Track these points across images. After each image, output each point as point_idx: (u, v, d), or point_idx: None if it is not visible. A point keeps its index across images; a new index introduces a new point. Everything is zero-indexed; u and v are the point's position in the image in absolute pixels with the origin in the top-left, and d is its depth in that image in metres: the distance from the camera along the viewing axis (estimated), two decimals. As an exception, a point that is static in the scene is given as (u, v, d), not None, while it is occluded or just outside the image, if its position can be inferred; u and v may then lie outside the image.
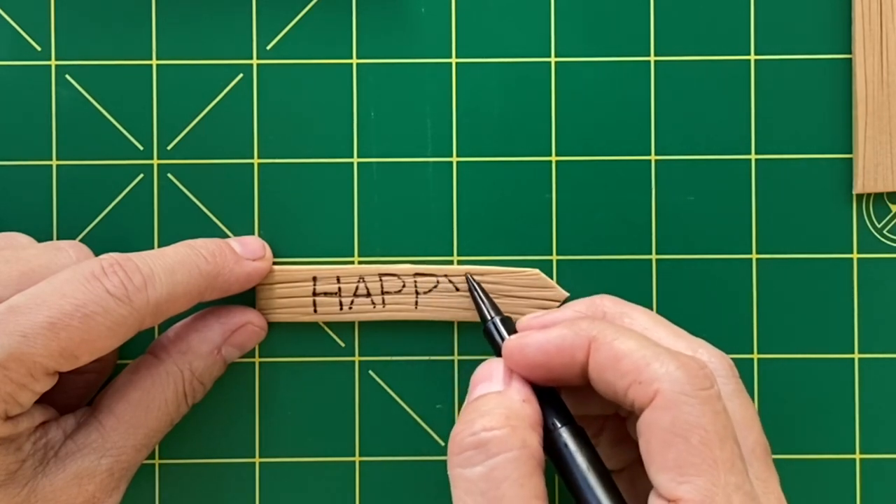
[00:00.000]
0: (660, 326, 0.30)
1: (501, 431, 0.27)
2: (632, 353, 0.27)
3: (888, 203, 0.35)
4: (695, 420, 0.25)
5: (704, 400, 0.26)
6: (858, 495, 0.35)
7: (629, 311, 0.31)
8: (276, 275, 0.35)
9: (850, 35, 0.35)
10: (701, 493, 0.25)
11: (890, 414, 0.35)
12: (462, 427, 0.27)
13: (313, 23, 0.36)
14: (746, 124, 0.35)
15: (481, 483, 0.26)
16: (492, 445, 0.26)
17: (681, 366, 0.26)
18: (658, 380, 0.26)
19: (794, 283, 0.35)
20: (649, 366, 0.26)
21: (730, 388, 0.28)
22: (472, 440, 0.27)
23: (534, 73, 0.35)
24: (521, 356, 0.29)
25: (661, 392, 0.26)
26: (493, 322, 0.31)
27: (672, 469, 0.25)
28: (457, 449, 0.27)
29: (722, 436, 0.26)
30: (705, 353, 0.29)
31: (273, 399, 0.36)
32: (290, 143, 0.36)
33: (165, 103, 0.35)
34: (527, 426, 0.27)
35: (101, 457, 0.31)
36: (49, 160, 0.35)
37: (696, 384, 0.26)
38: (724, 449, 0.25)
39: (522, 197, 0.35)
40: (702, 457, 0.25)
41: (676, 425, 0.25)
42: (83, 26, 0.35)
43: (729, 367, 0.29)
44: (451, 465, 0.27)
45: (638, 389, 0.26)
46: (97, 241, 0.35)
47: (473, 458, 0.26)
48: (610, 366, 0.27)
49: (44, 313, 0.28)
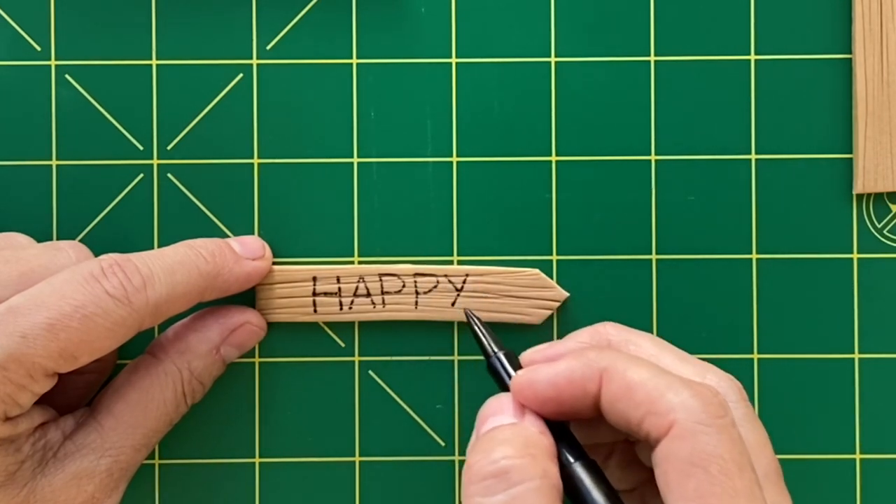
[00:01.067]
0: (666, 352, 0.30)
1: (522, 460, 0.26)
2: (645, 383, 0.26)
3: (888, 203, 0.35)
4: (713, 450, 0.25)
5: (721, 428, 0.25)
6: (858, 495, 0.35)
7: (634, 339, 0.31)
8: (275, 275, 0.35)
9: (850, 35, 0.35)
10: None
11: (890, 414, 0.35)
12: (480, 456, 0.26)
13: (313, 23, 0.36)
14: (746, 124, 0.35)
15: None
16: (513, 474, 0.26)
17: (695, 395, 0.26)
18: (673, 410, 0.26)
19: (794, 283, 0.35)
20: (663, 396, 0.26)
21: (740, 413, 0.28)
22: (492, 469, 0.26)
23: (534, 73, 0.35)
24: (532, 391, 0.28)
25: (678, 422, 0.25)
26: (496, 357, 0.30)
27: (693, 500, 0.25)
28: (475, 478, 0.26)
29: (740, 464, 0.25)
30: (714, 377, 0.29)
31: (273, 399, 0.36)
32: (290, 143, 0.36)
33: (165, 103, 0.35)
34: (546, 456, 0.27)
35: (100, 457, 0.31)
36: (49, 160, 0.35)
37: (712, 412, 0.26)
38: (742, 478, 0.25)
39: (522, 197, 0.35)
40: (722, 486, 0.25)
41: (695, 455, 0.25)
42: (83, 26, 0.35)
43: (738, 390, 0.29)
44: (467, 494, 0.26)
45: (653, 420, 0.26)
46: (97, 241, 0.35)
47: (494, 486, 0.26)
48: (623, 396, 0.27)
49: (43, 314, 0.28)
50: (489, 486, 0.26)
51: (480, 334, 0.31)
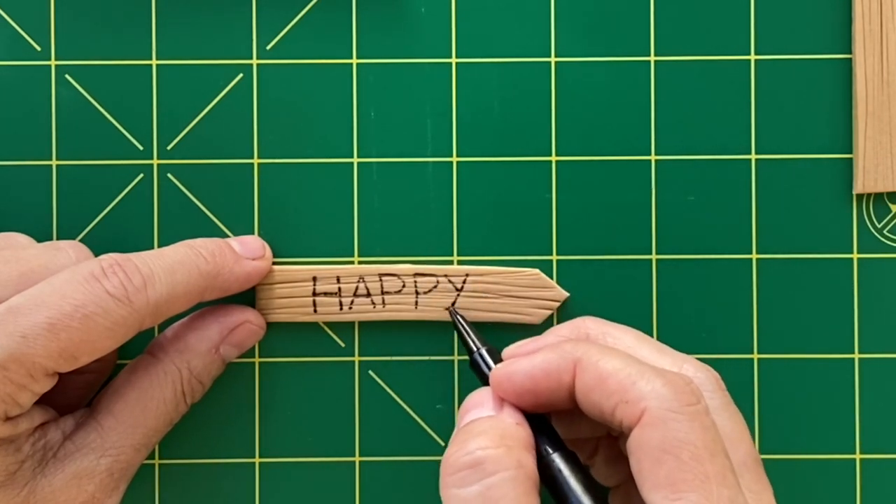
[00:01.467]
0: (644, 344, 0.30)
1: (497, 451, 0.26)
2: (617, 372, 0.27)
3: (888, 203, 0.35)
4: (684, 436, 0.25)
5: (692, 416, 0.26)
6: (858, 495, 0.35)
7: (612, 331, 0.31)
8: (275, 275, 0.35)
9: (850, 35, 0.35)
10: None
11: (890, 414, 0.35)
12: (456, 448, 0.27)
13: (313, 23, 0.36)
14: (746, 124, 0.35)
15: (477, 502, 0.26)
16: (488, 464, 0.26)
17: (666, 383, 0.26)
18: (644, 398, 0.26)
19: (794, 283, 0.35)
20: (635, 384, 0.26)
21: (717, 402, 0.28)
22: (467, 459, 0.26)
23: (534, 73, 0.35)
24: (510, 383, 0.28)
25: (649, 410, 0.26)
26: (479, 353, 0.31)
27: (664, 486, 0.25)
28: (451, 469, 0.27)
29: (712, 450, 0.25)
30: (691, 367, 0.29)
31: (273, 399, 0.36)
32: (290, 143, 0.36)
33: (165, 103, 0.36)
34: (522, 447, 0.27)
35: (100, 457, 0.31)
36: (49, 160, 0.35)
37: (683, 400, 0.26)
38: (714, 463, 0.25)
39: (522, 197, 0.35)
40: (693, 472, 0.25)
41: (666, 442, 0.25)
42: (83, 26, 0.35)
43: (715, 380, 0.29)
44: (444, 485, 0.27)
45: (625, 409, 0.26)
46: (97, 241, 0.35)
47: (468, 477, 0.26)
48: (596, 386, 0.27)
49: (43, 314, 0.28)
50: (464, 476, 0.26)
51: (464, 331, 0.32)
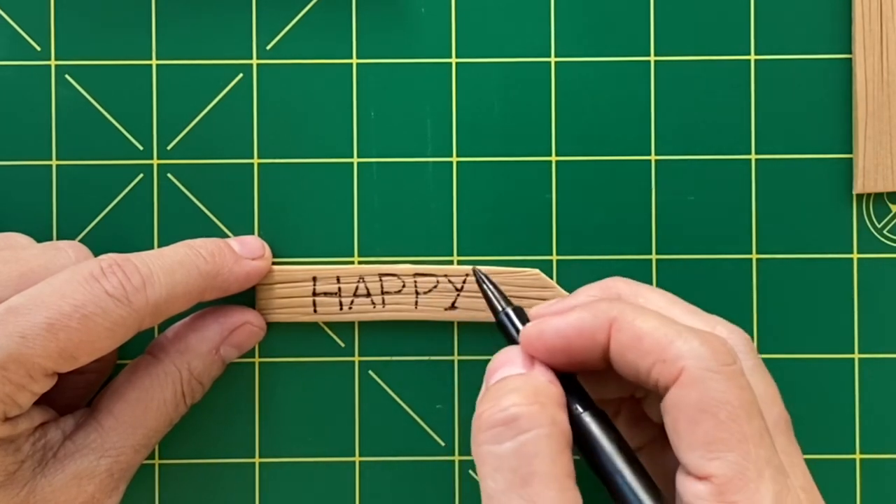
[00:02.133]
0: (675, 305, 0.30)
1: (531, 408, 0.26)
2: (654, 331, 0.26)
3: (888, 203, 0.35)
4: (721, 396, 0.25)
5: (729, 375, 0.26)
6: (858, 495, 0.35)
7: (643, 292, 0.31)
8: (275, 275, 0.35)
9: (850, 35, 0.35)
10: (732, 469, 0.25)
11: (890, 414, 0.35)
12: (489, 405, 0.27)
13: (313, 23, 0.36)
14: (746, 124, 0.35)
15: (512, 459, 0.25)
16: (523, 421, 0.26)
17: (704, 342, 0.26)
18: (682, 357, 0.26)
19: (794, 283, 0.35)
20: (672, 343, 0.26)
21: (750, 363, 0.28)
22: (501, 416, 0.26)
23: (534, 73, 0.35)
24: (541, 342, 0.28)
25: (687, 369, 0.26)
26: (505, 313, 0.30)
27: (701, 446, 0.25)
28: (485, 426, 0.26)
29: (749, 411, 0.25)
30: (723, 329, 0.29)
31: (273, 399, 0.36)
32: (290, 143, 0.36)
33: (165, 103, 0.35)
34: (555, 404, 0.27)
35: (100, 457, 0.31)
36: (49, 160, 0.35)
37: (721, 360, 0.26)
38: (751, 424, 0.25)
39: (522, 197, 0.35)
40: (730, 432, 0.25)
41: (704, 402, 0.25)
42: (83, 26, 0.35)
43: (747, 342, 0.29)
44: (477, 442, 0.26)
45: (662, 368, 0.26)
46: (97, 241, 0.35)
47: (503, 434, 0.26)
48: (632, 345, 0.27)
49: (43, 314, 0.28)
50: (498, 433, 0.26)
51: (490, 291, 0.31)
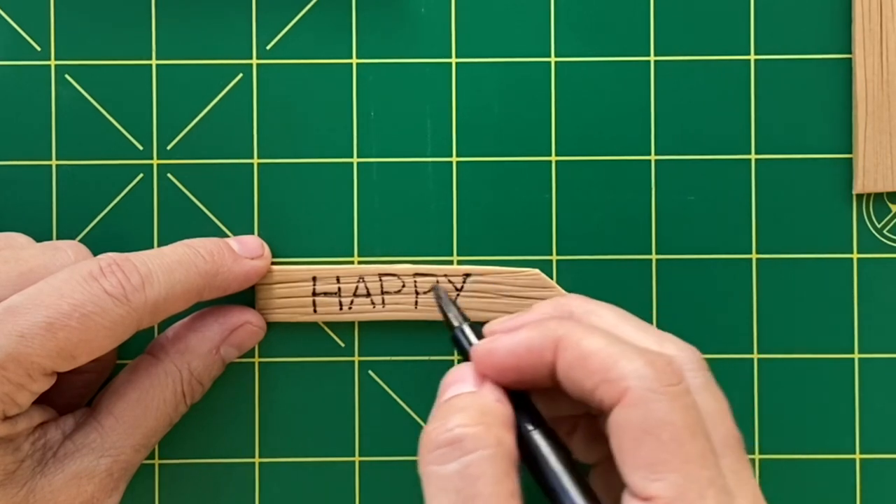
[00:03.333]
0: (626, 323, 0.30)
1: (476, 428, 0.26)
2: (599, 351, 0.27)
3: (888, 203, 0.35)
4: (664, 416, 0.25)
5: (673, 396, 0.26)
6: (858, 495, 0.35)
7: (596, 309, 0.31)
8: (275, 275, 0.35)
9: (850, 35, 0.35)
10: (674, 490, 0.25)
11: (890, 414, 0.35)
12: (435, 425, 0.27)
13: (313, 23, 0.36)
14: (746, 124, 0.35)
15: (456, 480, 0.26)
16: (467, 442, 0.26)
17: (648, 363, 0.26)
18: (626, 378, 0.26)
19: (794, 283, 0.35)
20: (617, 364, 0.26)
21: (699, 382, 0.28)
22: (446, 437, 0.26)
23: (534, 73, 0.35)
24: (491, 360, 0.28)
25: (630, 390, 0.26)
26: (460, 329, 0.31)
27: (644, 467, 0.25)
28: (430, 446, 0.26)
29: (693, 431, 0.25)
30: (673, 346, 0.29)
31: (273, 399, 0.36)
32: (290, 143, 0.36)
33: (165, 103, 0.36)
34: (501, 424, 0.27)
35: (100, 457, 0.31)
36: (49, 160, 0.35)
37: (664, 380, 0.26)
38: (695, 444, 0.25)
39: (522, 197, 0.35)
40: (673, 453, 0.25)
41: (646, 423, 0.25)
42: (83, 26, 0.35)
43: (698, 360, 0.29)
44: (423, 462, 0.27)
45: (606, 388, 0.26)
46: (96, 241, 0.35)
47: (447, 455, 0.26)
48: (577, 365, 0.27)
49: (42, 313, 0.28)
50: (443, 454, 0.26)
51: (445, 307, 0.32)
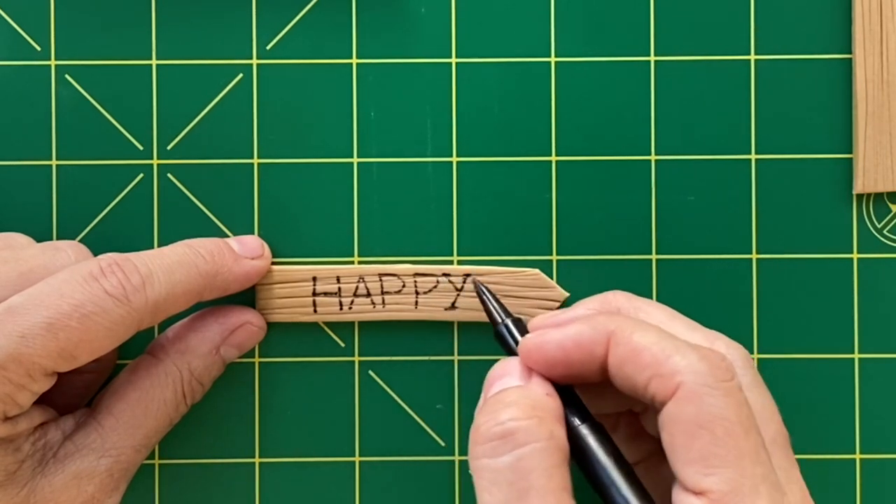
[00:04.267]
0: (676, 320, 0.30)
1: (529, 422, 0.26)
2: (651, 346, 0.27)
3: (888, 203, 0.35)
4: (718, 412, 0.25)
5: (727, 391, 0.26)
6: (858, 495, 0.35)
7: (643, 307, 0.31)
8: (275, 275, 0.35)
9: (850, 35, 0.35)
10: (728, 485, 0.25)
11: (890, 414, 0.35)
12: (486, 418, 0.27)
13: (313, 23, 0.36)
14: (746, 124, 0.35)
15: (508, 473, 0.26)
16: (519, 435, 0.26)
17: (702, 358, 0.26)
18: (679, 372, 0.26)
19: (794, 283, 0.35)
20: (670, 358, 0.26)
21: (748, 379, 0.28)
22: (498, 430, 0.26)
23: (534, 73, 0.35)
24: (540, 354, 0.28)
25: (684, 384, 0.26)
26: (504, 324, 0.31)
27: (697, 461, 0.25)
28: (481, 439, 0.26)
29: (746, 426, 0.25)
30: (722, 344, 0.29)
31: (273, 399, 0.36)
32: (290, 143, 0.36)
33: (165, 103, 0.36)
34: (553, 418, 0.27)
35: (101, 457, 0.31)
36: (49, 160, 0.35)
37: (718, 376, 0.26)
38: (748, 439, 0.25)
39: (522, 197, 0.35)
40: (727, 448, 0.25)
41: (700, 417, 0.25)
42: (83, 26, 0.35)
43: (746, 357, 0.29)
44: (474, 455, 0.27)
45: (659, 383, 0.26)
46: (97, 241, 0.35)
47: (500, 448, 0.26)
48: (630, 359, 0.27)
49: (42, 314, 0.28)
50: (495, 447, 0.26)
51: (489, 302, 0.32)
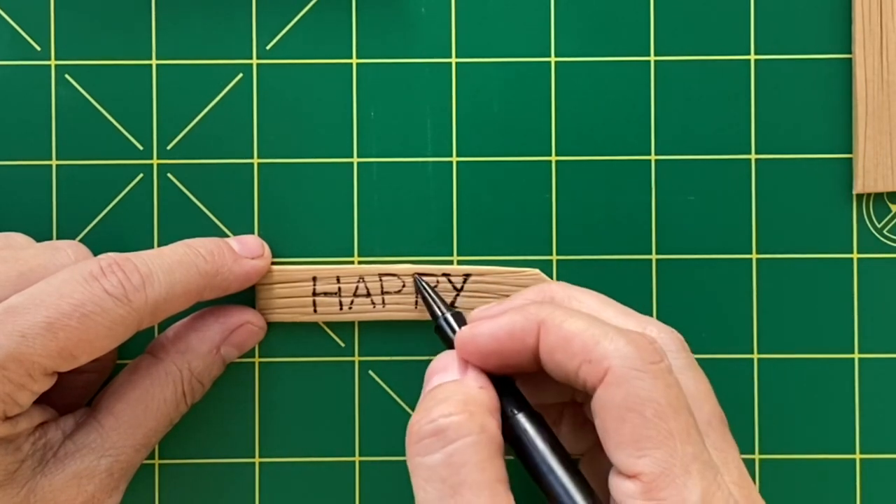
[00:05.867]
0: (608, 307, 0.30)
1: (459, 417, 0.26)
2: (580, 332, 0.27)
3: (888, 203, 0.35)
4: (647, 394, 0.25)
5: (655, 374, 0.26)
6: (858, 495, 0.35)
7: (577, 295, 0.31)
8: (275, 275, 0.35)
9: (850, 35, 0.35)
10: (659, 466, 0.25)
11: (890, 414, 0.35)
12: (420, 416, 0.27)
13: (313, 23, 0.36)
14: (746, 124, 0.35)
15: (441, 469, 0.26)
16: (450, 431, 0.26)
17: (629, 342, 0.26)
18: (608, 357, 0.26)
19: (794, 283, 0.35)
20: (598, 344, 0.26)
21: (681, 362, 0.28)
22: (430, 427, 0.27)
23: (534, 73, 0.35)
24: (474, 345, 0.29)
25: (612, 369, 0.26)
26: (444, 318, 0.31)
27: (629, 444, 0.25)
28: (415, 437, 0.27)
29: (675, 407, 0.26)
30: (654, 329, 0.29)
31: (273, 399, 0.36)
32: (290, 143, 0.36)
33: (165, 103, 0.36)
34: (485, 411, 0.27)
35: (101, 457, 0.31)
36: (49, 160, 0.35)
37: (646, 358, 0.26)
38: (678, 420, 0.25)
39: (522, 197, 0.35)
40: (657, 429, 0.25)
41: (629, 400, 0.25)
42: (83, 26, 0.35)
43: (679, 341, 0.29)
44: (409, 454, 0.27)
45: (588, 369, 0.26)
46: (97, 241, 0.35)
47: (432, 445, 0.26)
48: (560, 347, 0.27)
49: (42, 313, 0.28)
50: (428, 444, 0.26)
51: (429, 296, 0.32)
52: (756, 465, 0.35)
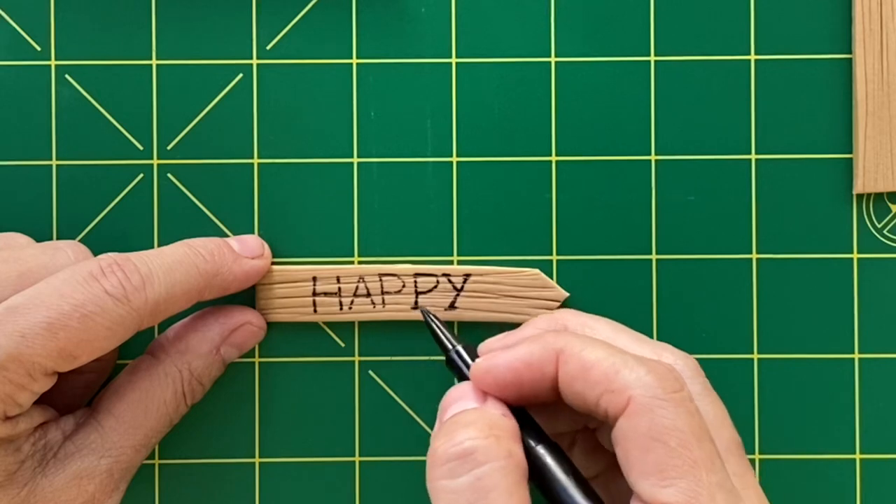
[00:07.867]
0: (622, 333, 0.30)
1: (486, 441, 0.26)
2: (600, 362, 0.27)
3: (888, 203, 0.35)
4: (670, 423, 0.25)
5: (678, 402, 0.26)
6: (858, 495, 0.35)
7: (590, 322, 0.31)
8: (275, 275, 0.35)
9: (850, 35, 0.35)
10: (685, 495, 0.25)
11: (890, 414, 0.35)
12: (443, 440, 0.27)
13: (313, 23, 0.36)
14: (746, 124, 0.35)
15: (468, 493, 0.25)
16: (478, 455, 0.26)
17: (650, 371, 0.26)
18: (629, 387, 0.26)
19: (794, 283, 0.35)
20: (619, 373, 0.26)
21: (698, 388, 0.28)
22: (456, 450, 0.26)
23: (534, 73, 0.35)
24: (491, 377, 0.28)
25: (634, 399, 0.26)
26: (455, 351, 0.31)
27: (653, 474, 0.25)
28: (439, 461, 0.26)
29: (698, 436, 0.25)
30: (670, 355, 0.29)
31: (273, 399, 0.36)
32: (290, 143, 0.36)
33: (165, 103, 0.36)
34: (510, 437, 0.27)
35: (101, 457, 0.31)
36: (49, 160, 0.35)
37: (668, 387, 0.26)
38: (702, 449, 0.25)
39: (522, 197, 0.35)
40: (682, 459, 0.25)
41: (653, 430, 0.25)
42: (83, 26, 0.35)
43: (694, 367, 0.29)
44: (431, 478, 0.26)
45: (610, 398, 0.26)
46: (97, 241, 0.35)
47: (458, 468, 0.26)
48: (580, 377, 0.27)
49: (42, 313, 0.28)
50: (453, 467, 0.26)
51: (438, 330, 0.31)
52: (756, 465, 0.35)
